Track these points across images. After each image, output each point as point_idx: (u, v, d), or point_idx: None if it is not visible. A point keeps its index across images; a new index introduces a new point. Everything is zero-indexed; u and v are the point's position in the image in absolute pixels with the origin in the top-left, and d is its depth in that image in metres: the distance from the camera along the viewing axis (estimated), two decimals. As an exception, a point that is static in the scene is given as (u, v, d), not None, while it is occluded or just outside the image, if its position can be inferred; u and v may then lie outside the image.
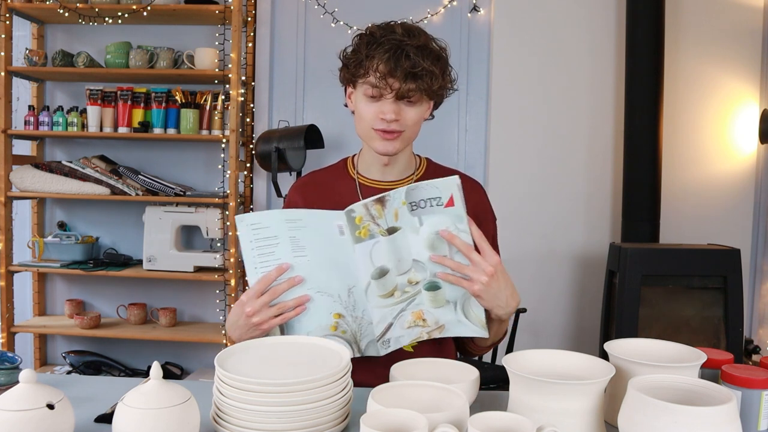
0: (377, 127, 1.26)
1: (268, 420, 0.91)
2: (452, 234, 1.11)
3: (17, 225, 3.06)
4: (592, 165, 3.06)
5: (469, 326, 1.18)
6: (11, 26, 2.88)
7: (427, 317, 1.18)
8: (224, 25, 2.83)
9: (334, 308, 1.18)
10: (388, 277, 1.15)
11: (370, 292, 1.16)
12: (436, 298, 1.16)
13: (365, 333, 1.19)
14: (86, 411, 1.06)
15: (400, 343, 1.20)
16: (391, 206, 1.11)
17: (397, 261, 1.14)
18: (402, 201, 1.11)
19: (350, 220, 1.12)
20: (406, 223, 1.12)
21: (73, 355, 3.02)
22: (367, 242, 1.13)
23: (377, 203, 1.11)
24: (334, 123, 3.06)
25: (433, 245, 1.13)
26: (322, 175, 1.44)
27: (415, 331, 1.19)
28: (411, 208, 1.11)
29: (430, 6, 3.05)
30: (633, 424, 0.86)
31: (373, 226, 1.12)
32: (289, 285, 1.15)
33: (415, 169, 1.40)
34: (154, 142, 3.12)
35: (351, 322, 1.18)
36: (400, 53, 1.20)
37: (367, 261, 1.14)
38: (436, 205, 1.10)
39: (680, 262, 2.58)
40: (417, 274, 1.15)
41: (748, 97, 2.98)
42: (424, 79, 1.22)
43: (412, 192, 1.10)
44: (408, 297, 1.16)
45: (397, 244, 1.13)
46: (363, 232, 1.12)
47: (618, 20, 2.98)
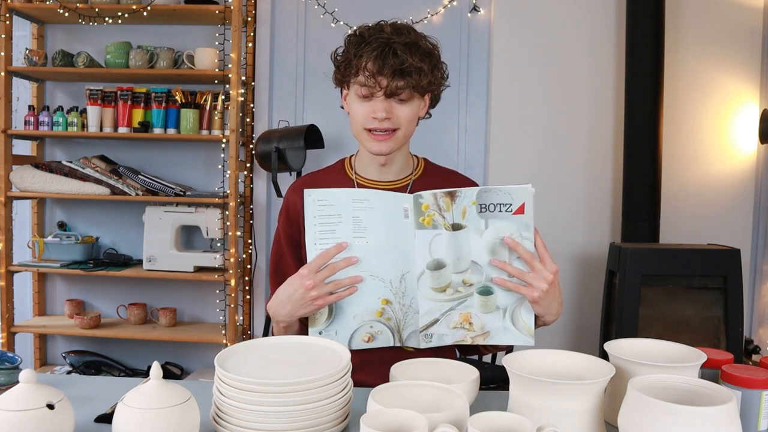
0: (369, 126, 1.27)
1: (268, 420, 0.91)
2: (516, 241, 1.13)
3: (17, 225, 3.06)
4: (592, 165, 3.06)
5: (516, 334, 1.19)
6: (11, 26, 2.88)
7: (474, 321, 1.19)
8: (224, 25, 2.83)
9: (383, 293, 1.19)
10: (444, 272, 1.16)
11: (422, 281, 1.17)
12: (486, 303, 1.17)
13: (410, 323, 1.20)
14: (86, 411, 1.06)
15: (442, 341, 1.21)
16: (461, 203, 1.13)
17: (455, 258, 1.15)
18: (472, 200, 1.13)
19: (416, 205, 1.14)
20: (472, 222, 1.14)
21: (73, 355, 3.02)
22: (429, 231, 1.15)
23: (447, 196, 1.13)
24: (334, 123, 3.06)
25: (494, 250, 1.15)
26: (321, 175, 1.44)
27: (460, 333, 1.20)
28: (480, 209, 1.13)
29: (430, 6, 3.05)
30: (633, 424, 0.86)
31: (438, 217, 1.14)
32: (346, 264, 1.17)
33: (413, 170, 1.41)
34: (154, 142, 3.12)
35: (398, 309, 1.20)
36: (387, 51, 1.21)
37: (426, 250, 1.15)
38: (505, 211, 1.13)
39: (680, 262, 2.58)
40: (473, 276, 1.16)
41: (748, 97, 2.98)
42: (413, 76, 1.22)
43: (484, 194, 1.13)
44: (459, 297, 1.18)
45: (458, 242, 1.15)
46: (427, 220, 1.14)
47: (618, 20, 2.98)
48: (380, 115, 1.25)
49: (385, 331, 1.21)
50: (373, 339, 1.23)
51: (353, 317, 1.21)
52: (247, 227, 3.09)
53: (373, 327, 1.21)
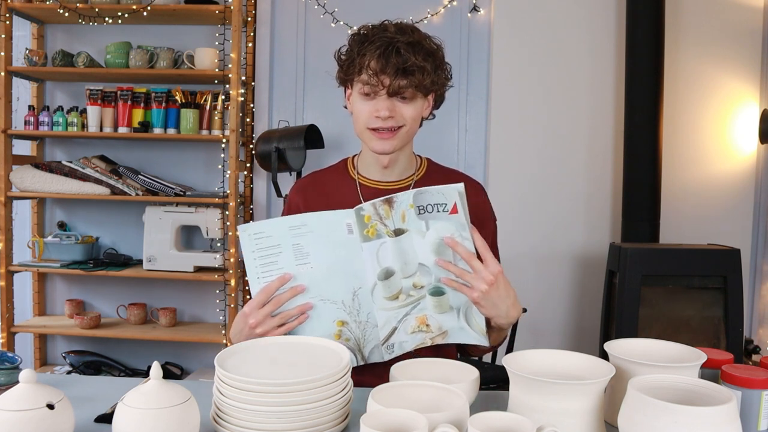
0: (372, 125, 1.27)
1: (268, 420, 0.91)
2: (455, 241, 1.12)
3: (17, 225, 3.06)
4: (592, 165, 3.06)
5: (471, 333, 1.19)
6: (11, 26, 2.88)
7: (430, 323, 1.18)
8: (224, 25, 2.83)
9: (337, 315, 1.17)
10: (394, 279, 1.15)
11: (376, 293, 1.16)
12: (440, 304, 1.17)
13: (369, 338, 1.19)
14: (86, 411, 1.06)
15: (403, 349, 1.20)
16: (399, 208, 1.12)
17: (403, 263, 1.15)
18: (410, 203, 1.11)
19: (359, 218, 1.13)
20: (413, 225, 1.13)
21: (73, 355, 3.02)
22: (375, 242, 1.13)
23: (385, 203, 1.12)
24: (334, 123, 3.06)
25: (438, 250, 1.14)
26: (323, 175, 1.44)
27: (419, 337, 1.20)
28: (418, 212, 1.12)
29: (430, 6, 3.05)
30: (633, 424, 0.86)
31: (380, 226, 1.13)
32: (291, 294, 1.15)
33: (416, 170, 1.40)
34: (154, 142, 3.12)
35: (354, 328, 1.18)
36: (390, 50, 1.21)
37: (374, 261, 1.14)
38: (442, 211, 1.11)
39: (680, 262, 2.58)
40: (422, 278, 1.15)
41: (748, 97, 2.98)
42: (416, 75, 1.22)
43: (419, 196, 1.11)
44: (413, 301, 1.17)
45: (403, 246, 1.14)
46: (371, 231, 1.13)
47: (618, 20, 2.98)
48: (383, 113, 1.24)
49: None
50: None
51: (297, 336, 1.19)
52: (247, 227, 3.08)
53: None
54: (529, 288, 3.05)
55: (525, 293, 3.00)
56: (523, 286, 3.00)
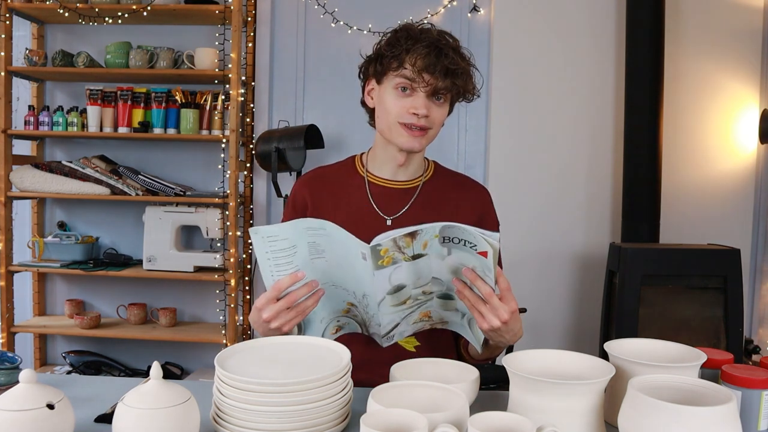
0: (405, 121, 1.27)
1: (268, 420, 0.90)
2: (476, 275, 1.06)
3: (17, 225, 3.06)
4: (592, 165, 3.06)
5: (469, 335, 1.20)
6: (11, 26, 2.88)
7: (433, 315, 1.19)
8: (224, 25, 2.83)
9: (348, 298, 1.17)
10: (404, 291, 1.13)
11: (383, 304, 1.14)
12: (446, 305, 1.17)
13: (373, 326, 1.21)
14: (86, 411, 1.06)
15: (402, 336, 1.22)
16: (422, 238, 1.05)
17: (416, 278, 1.11)
18: (435, 234, 1.04)
19: (375, 252, 1.05)
20: (433, 251, 1.07)
21: (73, 355, 3.02)
22: (389, 268, 1.08)
23: (407, 237, 1.04)
24: (334, 123, 3.06)
25: (456, 271, 1.09)
26: (330, 170, 1.44)
27: (419, 326, 1.21)
28: (442, 241, 1.05)
29: (430, 6, 3.05)
30: (633, 424, 0.86)
31: (397, 255, 1.06)
32: (307, 290, 1.13)
33: (424, 171, 1.41)
34: (154, 142, 3.12)
35: (362, 312, 1.19)
36: (439, 51, 1.23)
37: (386, 282, 1.10)
38: (470, 248, 1.04)
39: (680, 262, 2.58)
40: (433, 287, 1.13)
41: (748, 97, 2.98)
42: (461, 78, 1.25)
43: (447, 229, 1.03)
44: (419, 303, 1.16)
45: (418, 267, 1.09)
46: (386, 261, 1.07)
47: (618, 20, 2.98)
48: (422, 111, 1.25)
49: (351, 322, 1.22)
50: (340, 329, 1.24)
51: (320, 321, 1.21)
52: (247, 227, 3.09)
53: (339, 321, 1.22)
54: (529, 288, 3.05)
55: (525, 293, 3.00)
56: (523, 286, 3.02)
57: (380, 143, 1.36)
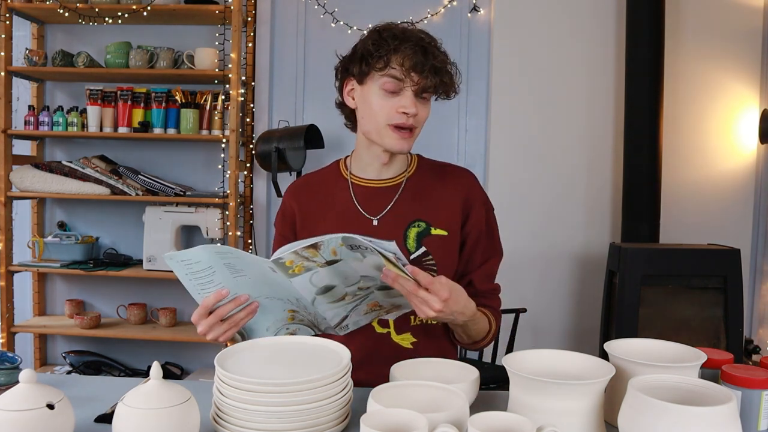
0: (394, 122, 1.26)
1: (268, 420, 0.91)
2: (396, 275, 1.05)
3: (17, 225, 3.05)
4: (592, 165, 3.06)
5: None
6: (11, 26, 2.88)
7: (382, 304, 1.18)
8: (224, 25, 2.83)
9: (286, 306, 1.16)
10: (336, 290, 1.11)
11: (317, 303, 1.13)
12: (389, 293, 1.14)
13: (322, 323, 1.20)
14: (86, 411, 1.06)
15: (358, 325, 1.22)
16: (327, 247, 1.02)
17: (343, 278, 1.09)
18: (339, 243, 1.02)
19: (280, 266, 1.05)
20: (346, 256, 1.04)
21: (73, 355, 3.02)
22: (304, 275, 1.07)
23: (310, 249, 1.02)
24: (334, 123, 3.02)
25: (380, 268, 1.06)
26: (316, 177, 1.44)
27: (373, 315, 1.21)
28: (351, 248, 1.03)
29: (430, 6, 3.05)
30: (633, 424, 0.86)
31: (309, 263, 1.05)
32: (235, 305, 1.12)
33: (407, 166, 1.40)
34: (154, 142, 3.12)
35: (306, 315, 1.18)
36: (425, 50, 1.24)
37: (308, 286, 1.09)
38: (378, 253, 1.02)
39: (680, 262, 2.58)
40: (367, 282, 1.11)
41: (748, 97, 2.98)
42: (447, 75, 1.26)
43: (349, 239, 1.01)
44: (360, 297, 1.15)
45: (338, 269, 1.07)
46: (297, 270, 1.06)
47: (618, 21, 2.98)
48: (412, 110, 1.25)
49: (302, 327, 1.21)
50: (295, 333, 1.22)
51: (266, 329, 1.20)
52: (247, 227, 3.09)
53: (289, 327, 1.21)
54: (529, 288, 3.05)
55: (525, 293, 3.00)
56: (523, 286, 3.02)
57: (363, 144, 1.35)
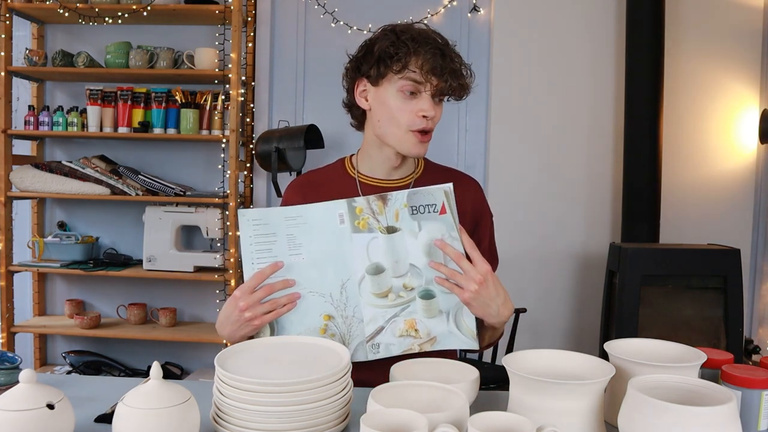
0: (417, 127, 1.25)
1: (268, 420, 0.91)
2: (445, 243, 1.14)
3: (17, 225, 3.05)
4: (592, 165, 3.06)
5: (461, 338, 1.18)
6: (11, 26, 2.88)
7: (419, 327, 1.18)
8: (224, 25, 2.83)
9: (324, 309, 1.18)
10: (384, 276, 1.16)
11: (363, 286, 1.17)
12: (429, 308, 1.17)
13: (355, 334, 1.18)
14: (86, 411, 1.06)
15: (390, 352, 1.19)
16: (393, 206, 1.14)
17: (394, 262, 1.16)
18: (404, 203, 1.14)
19: (351, 209, 1.15)
20: (405, 225, 1.15)
21: (73, 355, 3.02)
22: (365, 235, 1.16)
23: (379, 200, 1.15)
24: (334, 123, 3.06)
25: (430, 252, 1.15)
26: (320, 174, 1.44)
27: (407, 342, 1.18)
28: (411, 212, 1.14)
29: (430, 6, 3.05)
30: (633, 424, 0.86)
31: (372, 221, 1.15)
32: (283, 285, 1.17)
33: (415, 168, 1.41)
34: (154, 142, 3.12)
35: (341, 323, 1.18)
36: (443, 52, 1.25)
37: (364, 253, 1.16)
38: (433, 212, 1.14)
39: (680, 262, 2.58)
40: (413, 280, 1.16)
41: (748, 97, 2.98)
42: (464, 78, 1.27)
43: (413, 196, 1.14)
44: (402, 302, 1.17)
45: (395, 244, 1.15)
46: (362, 224, 1.15)
47: (618, 20, 2.98)
48: (431, 113, 1.25)
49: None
50: None
51: (297, 335, 1.18)
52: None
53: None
54: (529, 288, 3.05)
55: (525, 293, 3.00)
56: (523, 286, 3.02)
57: (374, 144, 1.34)
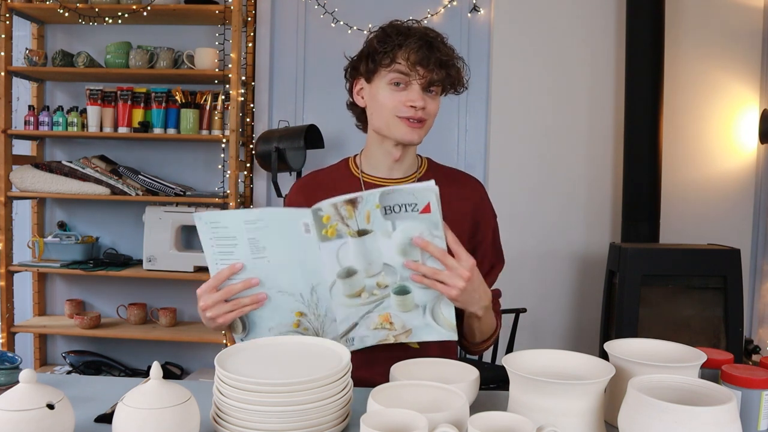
0: (402, 114, 1.27)
1: (268, 420, 0.90)
2: (426, 241, 1.08)
3: (17, 225, 3.05)
4: (592, 165, 3.06)
5: (438, 330, 1.16)
6: (11, 26, 2.88)
7: (394, 320, 1.16)
8: (224, 25, 2.83)
9: (295, 306, 1.16)
10: (356, 278, 1.12)
11: (335, 290, 1.13)
12: (404, 303, 1.14)
13: (328, 331, 1.18)
14: (86, 411, 1.06)
15: (364, 343, 1.19)
16: (363, 208, 1.07)
17: (366, 264, 1.11)
18: (375, 204, 1.06)
19: (317, 218, 1.08)
20: (378, 226, 1.08)
21: (73, 355, 3.02)
22: (334, 242, 1.09)
23: (348, 204, 1.06)
24: (334, 123, 3.06)
25: (405, 251, 1.10)
26: (324, 174, 1.44)
27: (382, 333, 1.18)
28: (384, 212, 1.07)
29: (430, 6, 3.05)
30: (633, 424, 0.86)
31: (341, 226, 1.08)
32: (244, 286, 1.14)
33: (417, 168, 1.41)
34: (154, 142, 3.12)
35: (313, 320, 1.17)
36: (430, 44, 1.26)
37: (334, 261, 1.11)
38: (411, 211, 1.07)
39: (680, 262, 2.58)
40: (387, 278, 1.12)
41: (748, 97, 2.98)
42: (453, 69, 1.28)
43: (386, 196, 1.06)
44: (375, 299, 1.14)
45: (366, 247, 1.09)
46: (330, 231, 1.09)
47: (618, 20, 2.98)
48: (419, 103, 1.26)
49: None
50: None
51: (269, 330, 1.18)
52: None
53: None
54: (529, 288, 3.05)
55: (525, 293, 3.00)
56: (522, 286, 3.02)
57: (375, 141, 1.36)
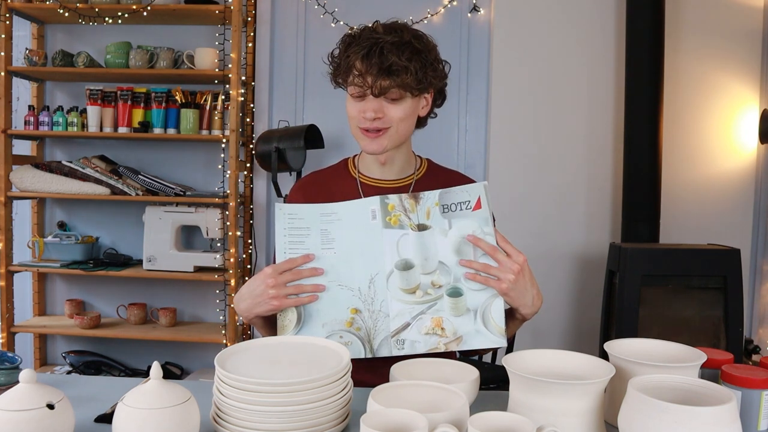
0: (361, 125, 1.29)
1: (268, 420, 0.91)
2: (477, 237, 1.17)
3: (17, 225, 3.05)
4: (592, 165, 3.06)
5: (488, 336, 1.17)
6: (11, 26, 2.88)
7: (446, 326, 1.17)
8: (224, 25, 2.83)
9: (352, 302, 1.19)
10: (412, 273, 1.19)
11: (391, 281, 1.19)
12: (457, 306, 1.17)
13: (380, 329, 1.18)
14: (86, 411, 1.06)
15: (415, 349, 1.18)
16: (424, 204, 1.20)
17: (423, 259, 1.19)
18: (435, 202, 1.19)
19: (383, 205, 1.20)
20: (436, 223, 1.19)
21: (73, 355, 3.02)
22: (396, 230, 1.19)
23: (411, 198, 1.20)
24: (334, 123, 3.06)
25: (459, 250, 1.18)
26: (324, 175, 1.45)
27: (433, 340, 1.17)
28: (443, 210, 1.19)
29: (430, 6, 3.05)
30: (633, 424, 0.86)
31: (404, 218, 1.20)
32: (311, 273, 1.19)
33: (416, 169, 1.41)
34: (154, 142, 3.12)
35: (367, 317, 1.19)
36: (374, 50, 1.21)
37: (394, 250, 1.19)
38: (465, 209, 1.18)
39: (680, 262, 2.58)
40: (441, 277, 1.18)
41: (748, 97, 2.98)
42: (399, 75, 1.21)
43: (445, 195, 1.19)
44: (429, 300, 1.18)
45: (425, 242, 1.19)
46: (393, 220, 1.20)
47: (618, 21, 2.98)
48: (369, 115, 1.25)
49: (355, 342, 1.18)
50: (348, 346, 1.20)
51: (322, 326, 1.19)
52: (247, 227, 3.09)
53: (343, 337, 1.19)
54: (529, 288, 3.04)
55: (525, 293, 3.00)
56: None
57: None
